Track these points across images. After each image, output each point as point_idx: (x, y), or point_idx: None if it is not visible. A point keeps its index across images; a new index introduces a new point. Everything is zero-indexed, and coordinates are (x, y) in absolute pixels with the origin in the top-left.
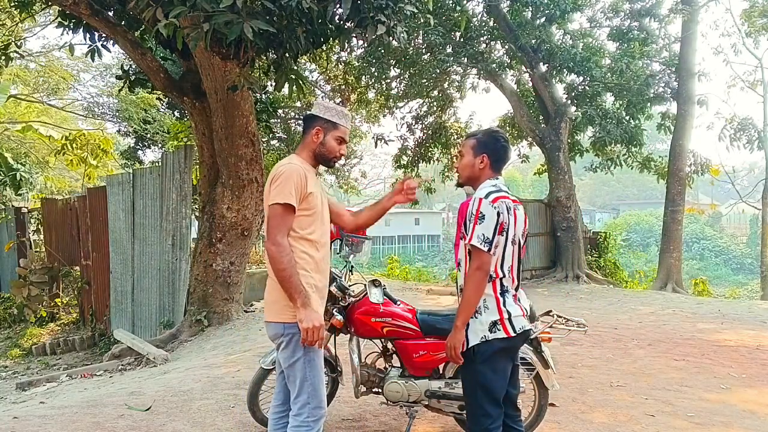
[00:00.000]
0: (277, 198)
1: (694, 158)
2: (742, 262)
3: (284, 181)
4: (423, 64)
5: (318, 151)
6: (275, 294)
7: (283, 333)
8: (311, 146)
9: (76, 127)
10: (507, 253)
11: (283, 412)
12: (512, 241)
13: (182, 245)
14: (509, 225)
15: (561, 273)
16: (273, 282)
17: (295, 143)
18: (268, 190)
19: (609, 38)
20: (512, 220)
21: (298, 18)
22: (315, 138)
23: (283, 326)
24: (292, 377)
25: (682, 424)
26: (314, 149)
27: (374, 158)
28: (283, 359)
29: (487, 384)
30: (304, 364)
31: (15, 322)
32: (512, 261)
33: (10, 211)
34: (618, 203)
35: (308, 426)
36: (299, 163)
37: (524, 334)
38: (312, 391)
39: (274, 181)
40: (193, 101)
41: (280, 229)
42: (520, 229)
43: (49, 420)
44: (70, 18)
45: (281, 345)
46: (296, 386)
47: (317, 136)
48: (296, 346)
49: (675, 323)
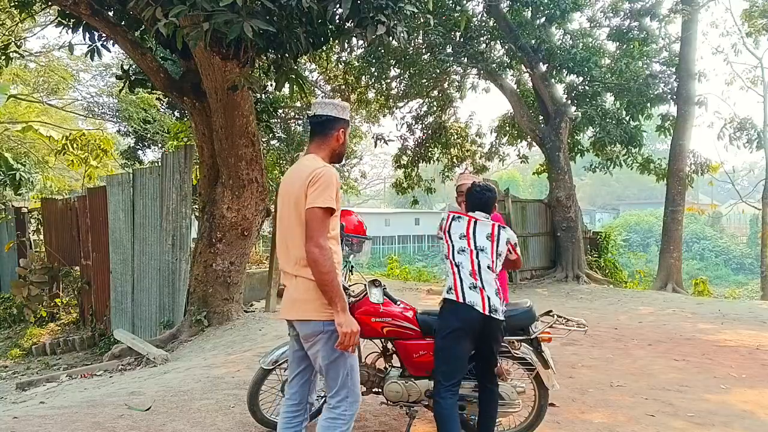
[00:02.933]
0: (318, 201)
1: (694, 158)
2: (742, 262)
3: (326, 185)
4: (423, 64)
5: (339, 151)
6: (311, 293)
7: (323, 330)
8: (333, 146)
9: (76, 127)
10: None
11: (298, 413)
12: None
13: (182, 245)
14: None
15: (561, 273)
16: (307, 281)
17: (295, 143)
18: (302, 192)
19: (609, 38)
20: None
21: (298, 18)
22: (338, 139)
23: (322, 324)
24: (333, 373)
25: (682, 424)
26: (336, 149)
27: (374, 158)
28: (322, 356)
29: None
30: (347, 358)
31: (15, 322)
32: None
33: (10, 211)
34: (618, 203)
35: (345, 419)
36: (329, 165)
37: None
38: (352, 386)
39: (313, 183)
40: (193, 101)
41: (322, 232)
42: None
43: (49, 420)
44: (70, 18)
45: (319, 342)
46: (338, 381)
47: (341, 137)
48: (336, 341)
49: (675, 323)
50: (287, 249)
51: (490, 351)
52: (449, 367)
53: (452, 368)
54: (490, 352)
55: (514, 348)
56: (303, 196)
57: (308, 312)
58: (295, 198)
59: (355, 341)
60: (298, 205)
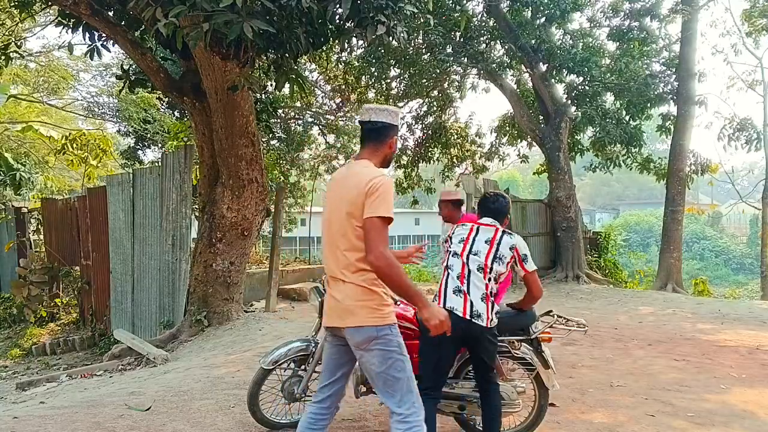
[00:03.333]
0: (379, 211)
1: (694, 158)
2: (742, 262)
3: (385, 195)
4: (423, 64)
5: (390, 157)
6: (362, 299)
7: (377, 336)
8: (386, 153)
9: (76, 126)
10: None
11: (324, 417)
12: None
13: (182, 245)
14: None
15: (561, 273)
16: (356, 287)
17: (295, 143)
18: (359, 200)
19: (609, 38)
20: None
21: (298, 18)
22: (391, 146)
23: (376, 329)
24: (392, 378)
25: (682, 424)
26: (388, 155)
27: None
28: (378, 363)
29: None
30: (404, 363)
31: (15, 322)
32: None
33: (10, 211)
34: (618, 203)
35: (420, 426)
36: (384, 173)
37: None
38: (414, 389)
39: (372, 192)
40: (193, 101)
41: (382, 242)
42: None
43: (49, 420)
44: (70, 18)
45: (373, 349)
46: (399, 388)
47: (394, 144)
48: (391, 346)
49: (675, 323)
50: (336, 254)
51: (479, 356)
52: (428, 371)
53: (431, 372)
54: (479, 357)
55: (514, 348)
56: (360, 204)
57: (358, 318)
58: (350, 204)
59: (446, 328)
60: (352, 211)
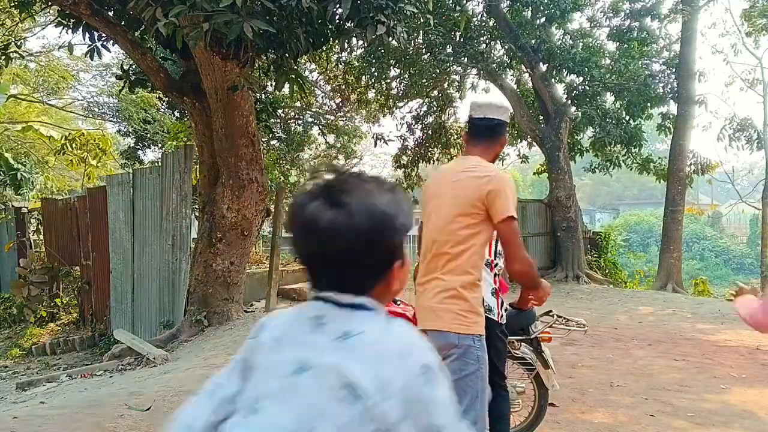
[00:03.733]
0: (511, 210)
1: (694, 158)
2: (742, 262)
3: (512, 194)
4: (423, 64)
5: (499, 154)
6: (448, 302)
7: (458, 344)
8: (497, 151)
9: (76, 126)
10: None
11: None
12: None
13: (182, 245)
14: None
15: (561, 273)
16: (440, 289)
17: (295, 143)
18: (479, 198)
19: (609, 38)
20: None
21: (298, 18)
22: (502, 144)
23: (457, 337)
24: (461, 392)
25: (682, 424)
26: (498, 153)
27: (374, 158)
28: (450, 371)
29: None
30: (478, 378)
31: (15, 322)
32: None
33: (10, 211)
34: (618, 203)
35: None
36: None
37: None
38: (481, 408)
39: (501, 193)
40: (193, 101)
41: (521, 244)
42: None
43: (49, 420)
44: (70, 18)
45: (451, 356)
46: (466, 402)
47: (505, 140)
48: (470, 358)
49: (675, 323)
50: (440, 251)
51: (488, 357)
52: None
53: None
54: (489, 358)
55: (514, 348)
56: (480, 202)
57: (441, 322)
58: (467, 199)
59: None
60: (471, 207)
